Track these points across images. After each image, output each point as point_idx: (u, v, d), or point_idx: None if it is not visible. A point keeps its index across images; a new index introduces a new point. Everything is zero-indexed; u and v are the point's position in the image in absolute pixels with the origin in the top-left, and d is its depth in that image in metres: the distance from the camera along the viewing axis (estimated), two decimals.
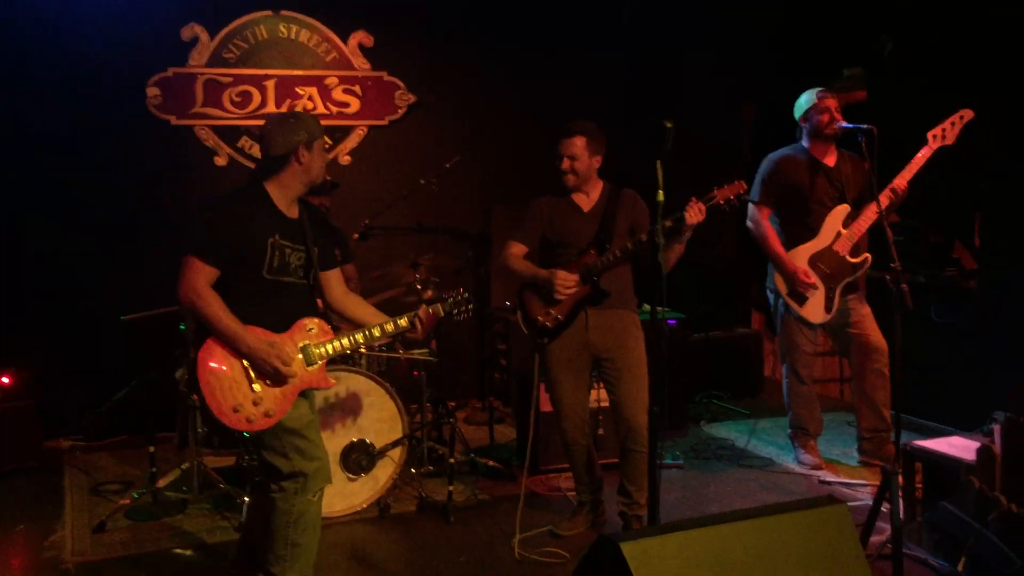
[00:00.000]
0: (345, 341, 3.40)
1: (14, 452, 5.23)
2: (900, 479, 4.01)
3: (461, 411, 6.49)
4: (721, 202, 3.91)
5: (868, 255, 4.92)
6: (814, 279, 4.90)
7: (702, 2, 6.94)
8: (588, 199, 4.22)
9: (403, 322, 3.52)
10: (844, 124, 4.84)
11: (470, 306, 3.77)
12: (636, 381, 4.09)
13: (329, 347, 3.36)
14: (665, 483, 4.89)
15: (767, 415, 6.21)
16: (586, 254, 4.11)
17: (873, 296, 5.20)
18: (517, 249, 4.22)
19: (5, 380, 5.26)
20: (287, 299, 3.31)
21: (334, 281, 3.56)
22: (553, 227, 4.18)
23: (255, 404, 3.19)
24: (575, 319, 4.12)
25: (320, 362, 3.34)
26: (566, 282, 4.06)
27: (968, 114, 4.69)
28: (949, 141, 4.67)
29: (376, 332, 3.47)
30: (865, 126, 4.63)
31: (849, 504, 4.43)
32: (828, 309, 4.93)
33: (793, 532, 2.21)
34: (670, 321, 5.97)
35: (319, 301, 3.49)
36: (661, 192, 2.82)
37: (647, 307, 6.12)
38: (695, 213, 3.84)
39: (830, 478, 4.96)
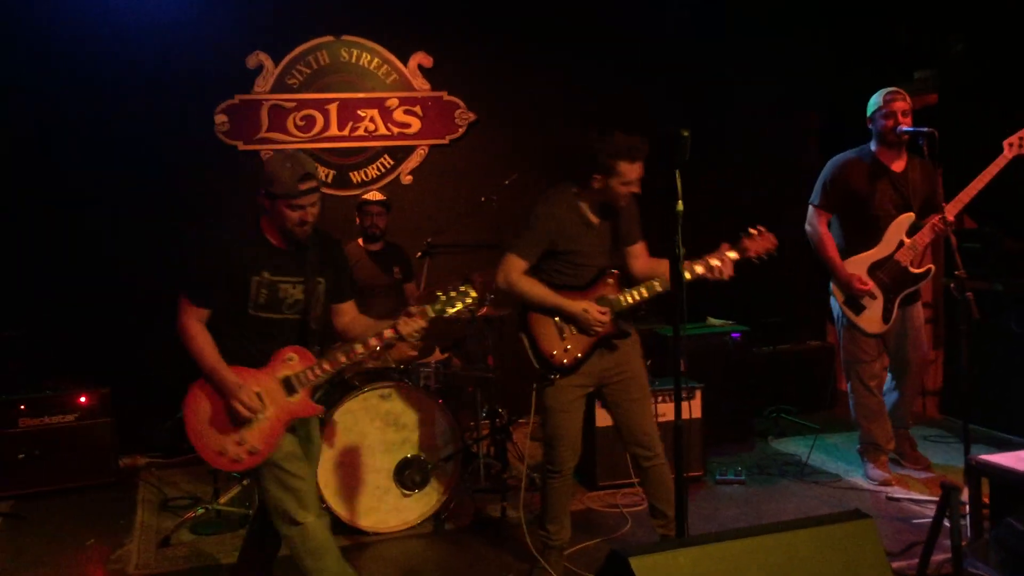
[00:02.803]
0: (326, 364, 3.29)
1: (92, 468, 5.43)
2: (966, 495, 3.87)
3: (527, 426, 6.47)
4: (752, 256, 3.75)
5: (932, 266, 4.75)
6: (870, 286, 4.75)
7: (762, 6, 6.84)
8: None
9: (388, 333, 3.27)
10: (905, 128, 4.69)
11: (468, 300, 3.33)
12: (644, 396, 3.87)
13: (310, 373, 3.27)
14: (725, 499, 4.86)
15: (839, 430, 6.02)
16: (602, 281, 3.78)
17: (942, 305, 5.02)
18: (521, 266, 3.74)
19: (83, 399, 5.47)
20: (274, 336, 3.28)
21: (344, 310, 3.50)
22: (561, 239, 3.74)
23: (239, 444, 3.19)
24: (593, 355, 3.78)
25: (301, 391, 3.27)
26: (601, 318, 3.68)
27: None
28: None
29: (359, 348, 3.29)
30: (926, 129, 4.50)
31: (916, 521, 4.34)
32: (886, 320, 4.79)
33: (813, 548, 2.13)
34: (734, 335, 5.87)
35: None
36: (681, 202, 2.79)
37: (712, 320, 6.10)
38: (718, 269, 3.67)
39: (899, 494, 4.79)
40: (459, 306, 3.33)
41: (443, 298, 3.34)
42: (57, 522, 4.91)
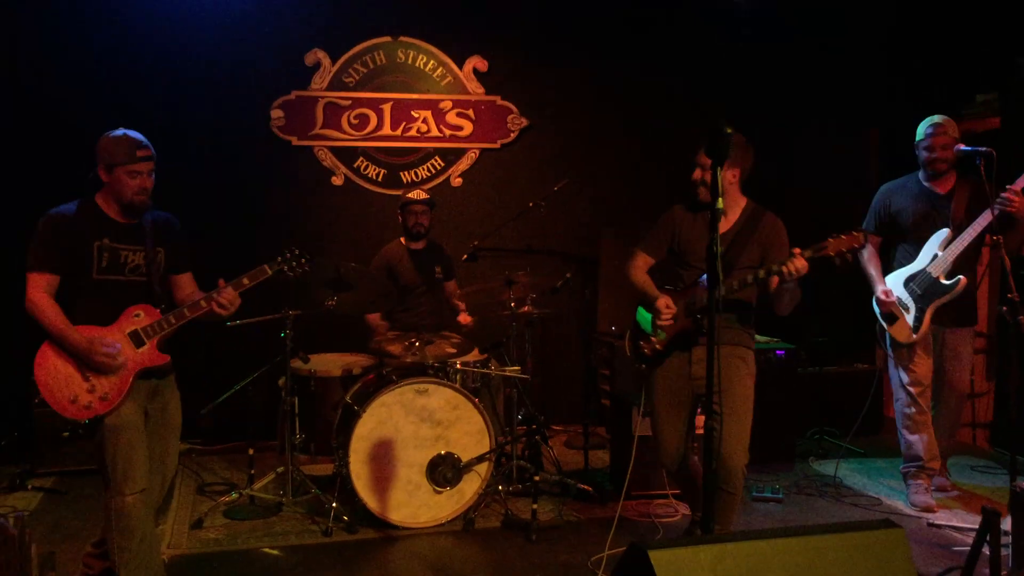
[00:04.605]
0: (172, 318, 3.45)
1: None
2: (1009, 523, 3.76)
3: (563, 435, 6.46)
4: (832, 253, 3.66)
5: (964, 278, 4.68)
6: (893, 299, 4.83)
7: (826, 25, 6.77)
8: (724, 219, 3.92)
9: (216, 295, 3.48)
10: (963, 147, 4.70)
11: (303, 260, 3.65)
12: (736, 420, 3.79)
13: (156, 326, 3.43)
14: (760, 516, 4.79)
15: (884, 455, 5.90)
16: (699, 284, 3.86)
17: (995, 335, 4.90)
18: (642, 260, 4.06)
19: None
20: (120, 295, 3.43)
21: (182, 282, 3.69)
22: (679, 239, 3.99)
23: (90, 392, 3.33)
24: (674, 351, 3.94)
25: (148, 342, 3.43)
26: (666, 312, 3.87)
27: None
28: None
29: (203, 303, 3.45)
30: (984, 149, 4.46)
31: (956, 548, 4.22)
32: (916, 329, 4.81)
33: (840, 553, 2.07)
34: (778, 352, 5.78)
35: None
36: (721, 200, 2.76)
37: (758, 337, 6.00)
38: (794, 267, 3.61)
39: (941, 521, 4.67)
40: (295, 265, 3.64)
41: (279, 259, 3.62)
42: (96, 499, 4.98)
